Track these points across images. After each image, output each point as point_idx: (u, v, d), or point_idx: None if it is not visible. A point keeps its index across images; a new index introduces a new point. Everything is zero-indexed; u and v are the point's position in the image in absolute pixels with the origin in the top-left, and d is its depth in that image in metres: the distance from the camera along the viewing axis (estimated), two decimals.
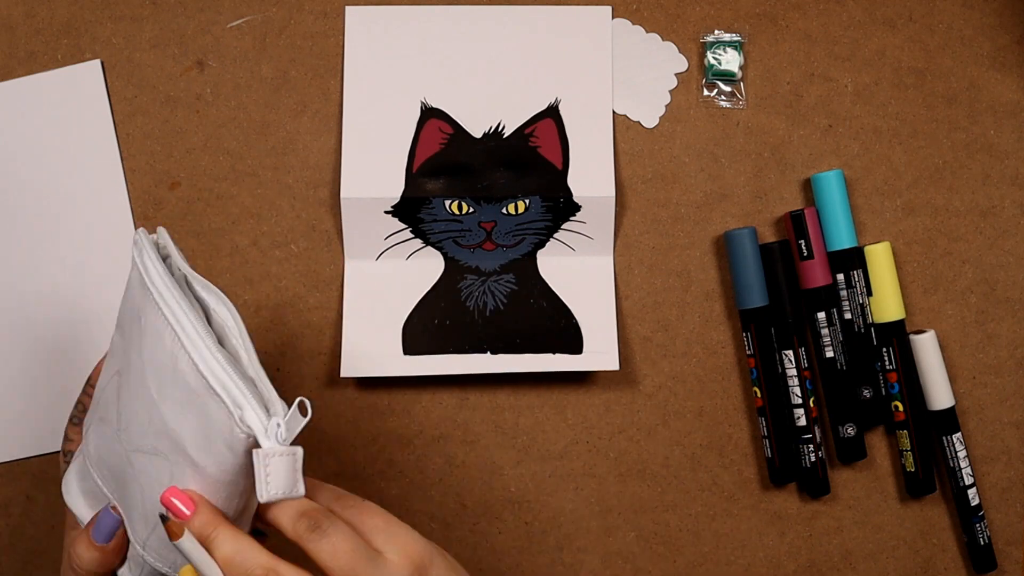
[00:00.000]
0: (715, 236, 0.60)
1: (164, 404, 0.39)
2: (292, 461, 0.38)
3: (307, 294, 0.59)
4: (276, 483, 0.37)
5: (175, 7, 0.59)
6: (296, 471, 0.38)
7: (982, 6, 0.61)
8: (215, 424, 0.37)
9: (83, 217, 0.59)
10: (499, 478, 0.60)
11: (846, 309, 0.59)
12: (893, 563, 0.61)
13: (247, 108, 0.59)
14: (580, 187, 0.59)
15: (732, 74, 0.60)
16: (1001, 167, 0.61)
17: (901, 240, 0.61)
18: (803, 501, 0.61)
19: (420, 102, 0.59)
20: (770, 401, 0.59)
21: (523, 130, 0.59)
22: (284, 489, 0.37)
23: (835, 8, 0.60)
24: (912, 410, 0.59)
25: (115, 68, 0.59)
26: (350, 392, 0.60)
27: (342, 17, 0.59)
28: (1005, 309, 0.61)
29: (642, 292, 0.60)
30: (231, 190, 0.59)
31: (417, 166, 0.59)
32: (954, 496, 0.60)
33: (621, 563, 0.61)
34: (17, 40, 0.59)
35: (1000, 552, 0.61)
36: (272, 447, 0.37)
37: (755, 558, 0.61)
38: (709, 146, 0.60)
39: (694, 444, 0.61)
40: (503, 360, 0.58)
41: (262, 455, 0.37)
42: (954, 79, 0.61)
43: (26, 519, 0.60)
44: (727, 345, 0.60)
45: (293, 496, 0.38)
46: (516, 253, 0.59)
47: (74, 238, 0.59)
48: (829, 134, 0.60)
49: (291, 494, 0.38)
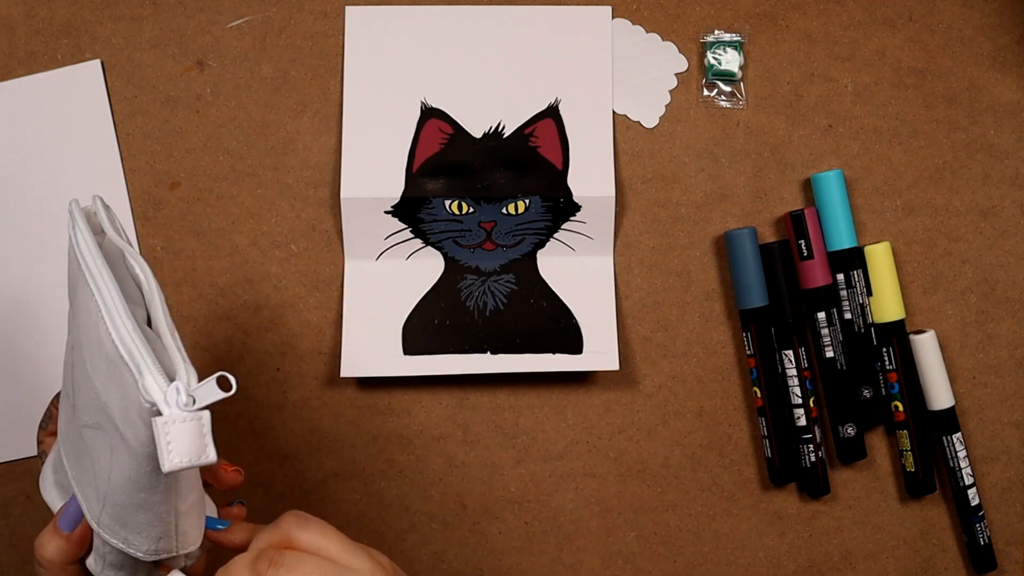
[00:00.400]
0: (715, 236, 0.60)
1: (95, 376, 0.38)
2: (197, 427, 0.35)
3: (307, 294, 0.59)
4: (179, 450, 0.34)
5: (175, 7, 0.59)
6: (203, 436, 0.35)
7: (982, 6, 0.61)
8: (129, 394, 0.36)
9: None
10: (499, 478, 0.60)
11: (846, 309, 0.59)
12: (893, 563, 0.61)
13: (247, 108, 0.59)
14: (580, 187, 0.59)
15: (732, 74, 0.60)
16: (1001, 167, 0.61)
17: (901, 240, 0.61)
18: (803, 501, 0.61)
19: (420, 102, 0.59)
20: (770, 401, 0.59)
21: (523, 130, 0.59)
22: (189, 456, 0.35)
23: (835, 8, 0.60)
24: (912, 410, 0.59)
25: (115, 68, 0.59)
26: (350, 392, 0.60)
27: (342, 17, 0.59)
28: (1005, 309, 0.61)
29: (642, 292, 0.60)
30: (231, 190, 0.59)
31: (417, 166, 0.59)
32: (954, 496, 0.60)
33: (621, 563, 0.61)
34: (17, 40, 0.59)
35: (1000, 552, 0.61)
36: (172, 414, 0.34)
37: (755, 558, 0.61)
38: (709, 146, 0.60)
39: (694, 444, 0.61)
40: (503, 360, 0.58)
41: (160, 423, 0.34)
42: (954, 79, 0.61)
43: (26, 519, 0.60)
44: (727, 345, 0.60)
45: (201, 463, 0.35)
46: (516, 253, 0.59)
47: None
48: (829, 134, 0.60)
49: (198, 461, 0.35)
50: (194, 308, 0.59)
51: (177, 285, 0.59)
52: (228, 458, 0.60)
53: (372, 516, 0.60)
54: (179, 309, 0.59)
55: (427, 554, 0.60)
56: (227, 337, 0.59)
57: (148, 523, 0.40)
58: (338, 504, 0.60)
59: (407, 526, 0.60)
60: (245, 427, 0.60)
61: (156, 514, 0.39)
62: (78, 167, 0.59)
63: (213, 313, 0.59)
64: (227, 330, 0.59)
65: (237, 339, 0.59)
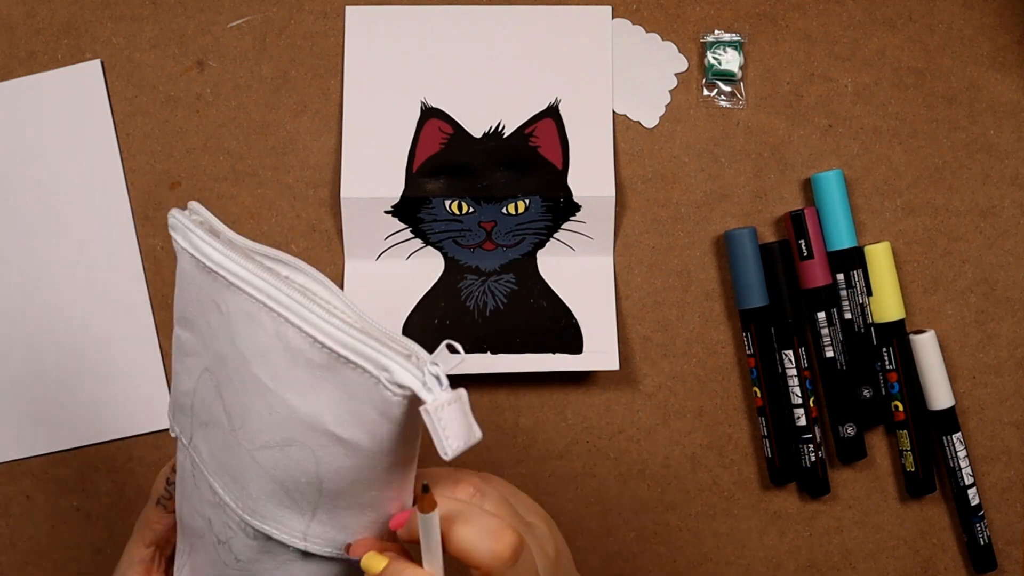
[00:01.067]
0: (715, 236, 0.60)
1: (284, 390, 0.35)
2: (461, 406, 0.33)
3: None
4: (455, 434, 0.33)
5: (175, 7, 0.59)
6: (467, 415, 0.33)
7: (982, 6, 0.61)
8: (358, 394, 0.33)
9: (83, 217, 0.59)
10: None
11: (846, 309, 0.59)
12: (893, 563, 0.61)
13: (247, 108, 0.59)
14: (580, 187, 0.59)
15: (732, 74, 0.60)
16: (1001, 167, 0.61)
17: (901, 240, 0.61)
18: (803, 501, 0.61)
19: (420, 102, 0.59)
20: (770, 401, 0.59)
21: (523, 130, 0.59)
22: (464, 438, 0.33)
23: (835, 8, 0.60)
24: (912, 410, 0.59)
25: (115, 68, 0.59)
26: None
27: (342, 17, 0.59)
28: (1005, 309, 0.61)
29: (642, 292, 0.60)
30: (231, 190, 0.59)
31: (417, 166, 0.59)
32: (954, 496, 0.60)
33: (621, 563, 0.61)
34: (17, 40, 0.59)
35: (1000, 552, 0.61)
36: (439, 397, 0.32)
37: (755, 558, 0.61)
38: (709, 146, 0.60)
39: (694, 444, 0.61)
40: (503, 360, 0.58)
41: (432, 410, 0.32)
42: (954, 79, 0.61)
43: (26, 519, 0.60)
44: (727, 345, 0.60)
45: (473, 442, 0.33)
46: (516, 253, 0.59)
47: (74, 238, 0.59)
48: (829, 134, 0.60)
49: (472, 440, 0.33)
50: None
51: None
52: None
53: None
54: None
55: None
56: None
57: (375, 520, 0.37)
58: None
59: None
60: None
61: (382, 508, 0.37)
62: (78, 167, 0.59)
63: None
64: None
65: None
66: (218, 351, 0.37)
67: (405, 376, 0.33)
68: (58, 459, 0.60)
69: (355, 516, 0.37)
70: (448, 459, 0.33)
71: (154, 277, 0.59)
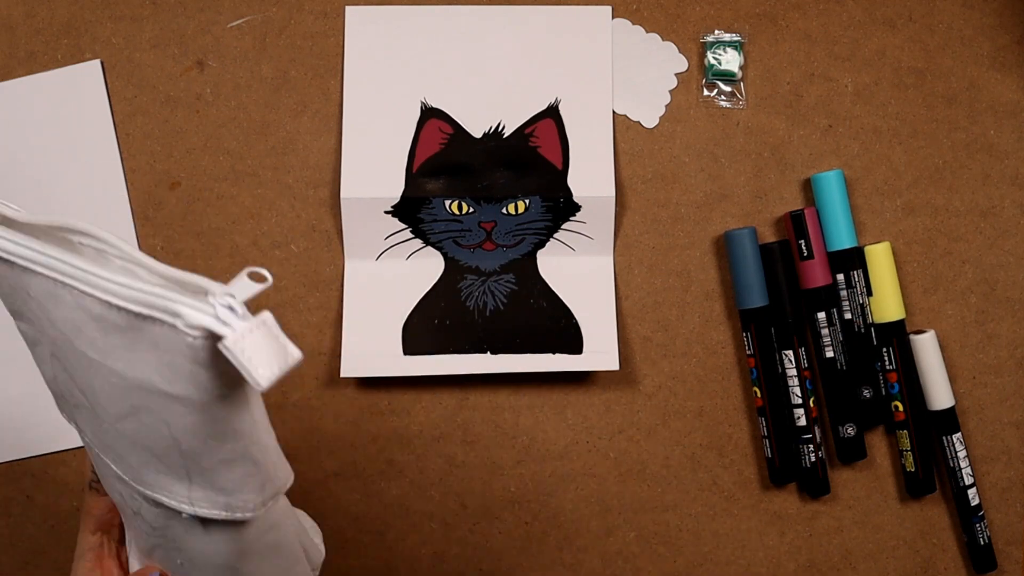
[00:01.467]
0: (715, 236, 0.60)
1: (109, 360, 0.33)
2: (266, 331, 0.30)
3: (307, 294, 0.59)
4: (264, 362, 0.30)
5: (175, 7, 0.59)
6: (278, 337, 0.31)
7: (982, 6, 0.61)
8: (168, 347, 0.32)
9: (83, 217, 0.59)
10: (499, 478, 0.60)
11: (846, 309, 0.59)
12: (893, 563, 0.61)
13: (247, 108, 0.59)
14: (580, 187, 0.59)
15: (732, 74, 0.60)
16: (1001, 167, 0.61)
17: (901, 240, 0.61)
18: (803, 501, 0.61)
19: (420, 102, 0.59)
20: (770, 401, 0.59)
21: (523, 130, 0.59)
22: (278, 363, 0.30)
23: (835, 8, 0.60)
24: (912, 410, 0.59)
25: (115, 68, 0.59)
26: (350, 392, 0.60)
27: (342, 17, 0.59)
28: (1005, 309, 0.61)
29: (642, 292, 0.60)
30: (231, 190, 0.59)
31: (417, 166, 0.59)
32: (954, 496, 0.60)
33: (621, 563, 0.61)
34: (17, 40, 0.59)
35: (1000, 552, 0.61)
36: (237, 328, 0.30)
37: (755, 558, 0.61)
38: (709, 146, 0.60)
39: (694, 444, 0.61)
40: (503, 360, 0.58)
41: (232, 344, 0.30)
42: (954, 79, 0.61)
43: (26, 519, 0.60)
44: (727, 345, 0.60)
45: (291, 364, 0.31)
46: (516, 253, 0.59)
47: None
48: (829, 134, 0.60)
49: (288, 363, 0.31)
50: None
51: None
52: None
53: (372, 516, 0.60)
54: None
55: (427, 554, 0.60)
56: None
57: (246, 474, 0.36)
58: (338, 504, 0.60)
59: (407, 526, 0.60)
60: None
61: (249, 459, 0.36)
62: (78, 167, 0.59)
63: None
64: None
65: None
66: (49, 335, 0.35)
67: (197, 316, 0.31)
68: (58, 459, 0.60)
69: (226, 473, 0.35)
70: (263, 389, 0.30)
71: None
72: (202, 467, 0.35)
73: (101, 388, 0.35)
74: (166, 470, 0.36)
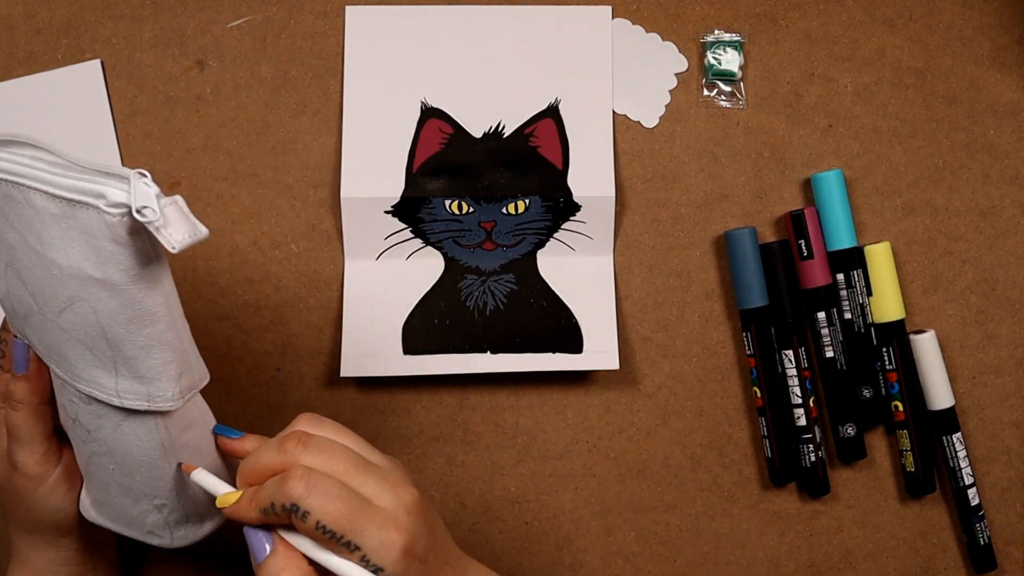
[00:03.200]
0: (715, 236, 0.60)
1: (50, 251, 0.38)
2: (177, 208, 0.36)
3: (307, 294, 0.59)
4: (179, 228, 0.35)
5: (175, 7, 0.59)
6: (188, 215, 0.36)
7: (982, 6, 0.61)
8: (94, 230, 0.36)
9: None
10: (499, 478, 0.60)
11: (846, 309, 0.59)
12: (893, 563, 0.61)
13: (247, 108, 0.59)
14: (580, 187, 0.59)
15: (732, 74, 0.60)
16: (1001, 167, 0.61)
17: (901, 240, 0.61)
18: (803, 501, 0.61)
19: (420, 102, 0.59)
20: (770, 401, 0.59)
21: (523, 130, 0.59)
22: (189, 231, 0.36)
23: (835, 8, 0.60)
24: (912, 410, 0.59)
25: (115, 68, 0.59)
26: (350, 392, 0.60)
27: (342, 17, 0.59)
28: (1005, 309, 0.61)
29: (642, 292, 0.60)
30: (231, 190, 0.59)
31: (417, 166, 0.59)
32: (954, 496, 0.60)
33: (621, 563, 0.61)
34: (17, 40, 0.59)
35: (1000, 552, 0.61)
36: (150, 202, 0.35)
37: (755, 558, 0.61)
38: (709, 146, 0.60)
39: (694, 444, 0.61)
40: (503, 360, 0.58)
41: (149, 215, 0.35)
42: (954, 79, 0.61)
43: None
44: (727, 345, 0.60)
45: (201, 236, 0.36)
46: (516, 253, 0.59)
47: None
48: (829, 134, 0.60)
49: (198, 235, 0.36)
50: (194, 308, 0.59)
51: (177, 285, 0.59)
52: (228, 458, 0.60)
53: None
54: None
55: None
56: (227, 337, 0.59)
57: (164, 361, 0.40)
58: None
59: None
60: (245, 427, 0.60)
61: (167, 344, 0.40)
62: None
63: (213, 313, 0.59)
64: (227, 330, 0.59)
65: (237, 339, 0.59)
66: (8, 240, 0.40)
67: (118, 194, 0.35)
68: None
69: (145, 361, 0.40)
70: (175, 252, 0.35)
71: None
72: (125, 355, 0.39)
73: (47, 283, 0.39)
74: (97, 362, 0.40)
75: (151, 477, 0.43)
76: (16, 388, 0.46)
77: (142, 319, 0.39)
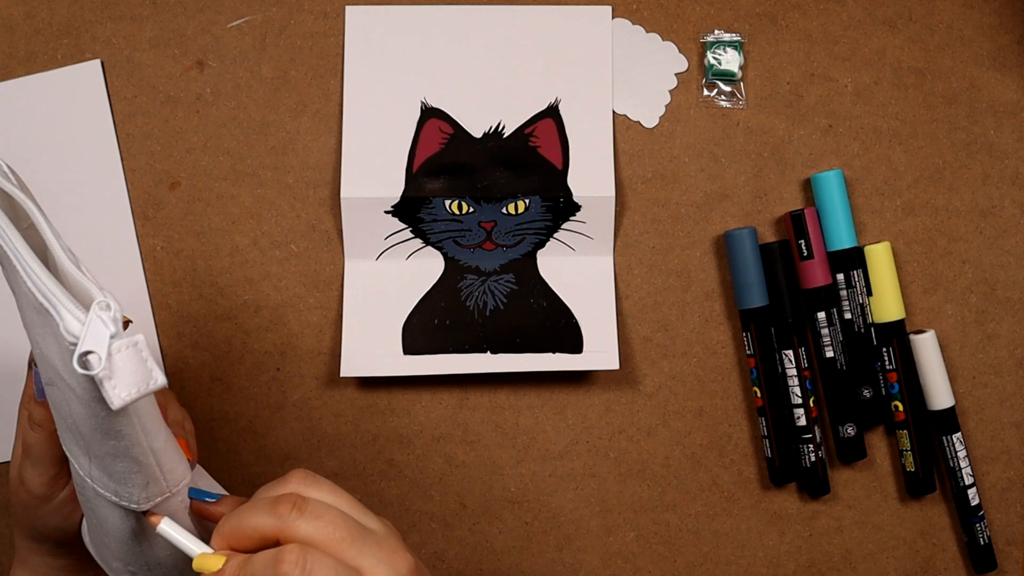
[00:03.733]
0: (715, 236, 0.60)
1: (32, 332, 0.36)
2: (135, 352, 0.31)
3: (307, 294, 0.59)
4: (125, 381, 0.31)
5: (175, 7, 0.59)
6: (144, 361, 0.31)
7: (982, 6, 0.61)
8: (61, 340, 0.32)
9: (83, 217, 0.59)
10: (499, 478, 0.60)
11: (846, 309, 0.59)
12: (893, 563, 0.61)
13: (247, 108, 0.59)
14: (580, 187, 0.59)
15: (732, 74, 0.60)
16: (1001, 167, 0.61)
17: (901, 240, 0.61)
18: (803, 501, 0.61)
19: (420, 102, 0.59)
20: (770, 401, 0.59)
21: (523, 130, 0.59)
22: (138, 384, 0.31)
23: (835, 8, 0.60)
24: (912, 410, 0.59)
25: (115, 68, 0.59)
26: (350, 392, 0.60)
27: (342, 17, 0.59)
28: (1005, 309, 0.61)
29: (642, 292, 0.60)
30: (231, 190, 0.59)
31: (417, 166, 0.59)
32: (954, 496, 0.60)
33: (621, 563, 0.61)
34: (17, 40, 0.59)
35: (1000, 552, 0.61)
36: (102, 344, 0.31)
37: (755, 558, 0.61)
38: (709, 146, 0.60)
39: (694, 444, 0.61)
40: (503, 360, 0.58)
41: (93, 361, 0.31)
42: (954, 79, 0.61)
43: None
44: (727, 345, 0.60)
45: (151, 389, 0.31)
46: (516, 253, 0.59)
47: (74, 238, 0.59)
48: (829, 134, 0.60)
49: (148, 388, 0.31)
50: (194, 308, 0.59)
51: (177, 285, 0.59)
52: (228, 458, 0.60)
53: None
54: (179, 309, 0.59)
55: (427, 554, 0.60)
56: (227, 337, 0.59)
57: (128, 471, 0.37)
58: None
59: (407, 526, 0.60)
60: (245, 427, 0.60)
61: (132, 459, 0.36)
62: (78, 167, 0.59)
63: (213, 313, 0.59)
64: (227, 330, 0.59)
65: (237, 339, 0.59)
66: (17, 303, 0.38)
67: (73, 324, 0.31)
68: None
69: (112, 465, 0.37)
70: (115, 408, 0.31)
71: (154, 277, 0.59)
72: (94, 452, 0.36)
73: (36, 355, 0.37)
74: (74, 442, 0.38)
75: (123, 550, 0.41)
76: (35, 411, 0.45)
77: (107, 433, 0.35)
